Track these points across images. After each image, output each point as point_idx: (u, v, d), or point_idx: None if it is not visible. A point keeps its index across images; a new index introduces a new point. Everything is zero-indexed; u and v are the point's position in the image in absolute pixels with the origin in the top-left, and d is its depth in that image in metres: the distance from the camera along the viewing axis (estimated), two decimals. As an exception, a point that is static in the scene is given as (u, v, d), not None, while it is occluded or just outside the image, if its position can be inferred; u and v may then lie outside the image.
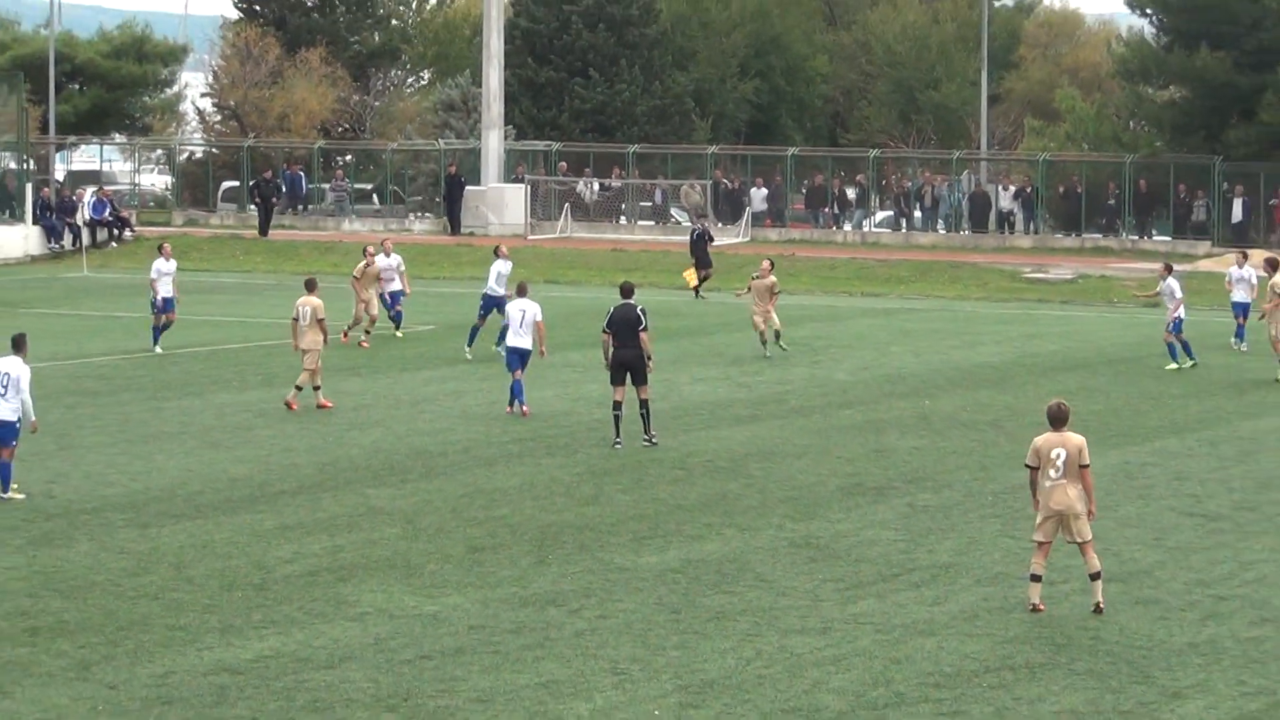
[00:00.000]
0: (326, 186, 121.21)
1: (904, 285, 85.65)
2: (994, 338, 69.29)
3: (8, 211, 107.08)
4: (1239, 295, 63.02)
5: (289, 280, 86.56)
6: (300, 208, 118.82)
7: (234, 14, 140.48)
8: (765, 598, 32.44)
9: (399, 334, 65.86)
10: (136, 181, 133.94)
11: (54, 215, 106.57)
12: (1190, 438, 48.46)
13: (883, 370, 59.54)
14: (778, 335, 54.18)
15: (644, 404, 44.44)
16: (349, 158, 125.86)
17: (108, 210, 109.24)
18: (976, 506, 40.01)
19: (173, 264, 62.49)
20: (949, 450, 46.20)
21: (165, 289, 62.28)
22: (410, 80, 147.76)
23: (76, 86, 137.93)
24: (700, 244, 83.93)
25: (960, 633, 30.43)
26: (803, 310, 77.87)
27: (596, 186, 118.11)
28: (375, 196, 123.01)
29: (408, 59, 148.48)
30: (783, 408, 51.11)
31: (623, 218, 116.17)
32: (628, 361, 43.95)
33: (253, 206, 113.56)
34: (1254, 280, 63.27)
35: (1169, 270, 59.95)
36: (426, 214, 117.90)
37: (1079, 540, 30.98)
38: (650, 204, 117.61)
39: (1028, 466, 31.21)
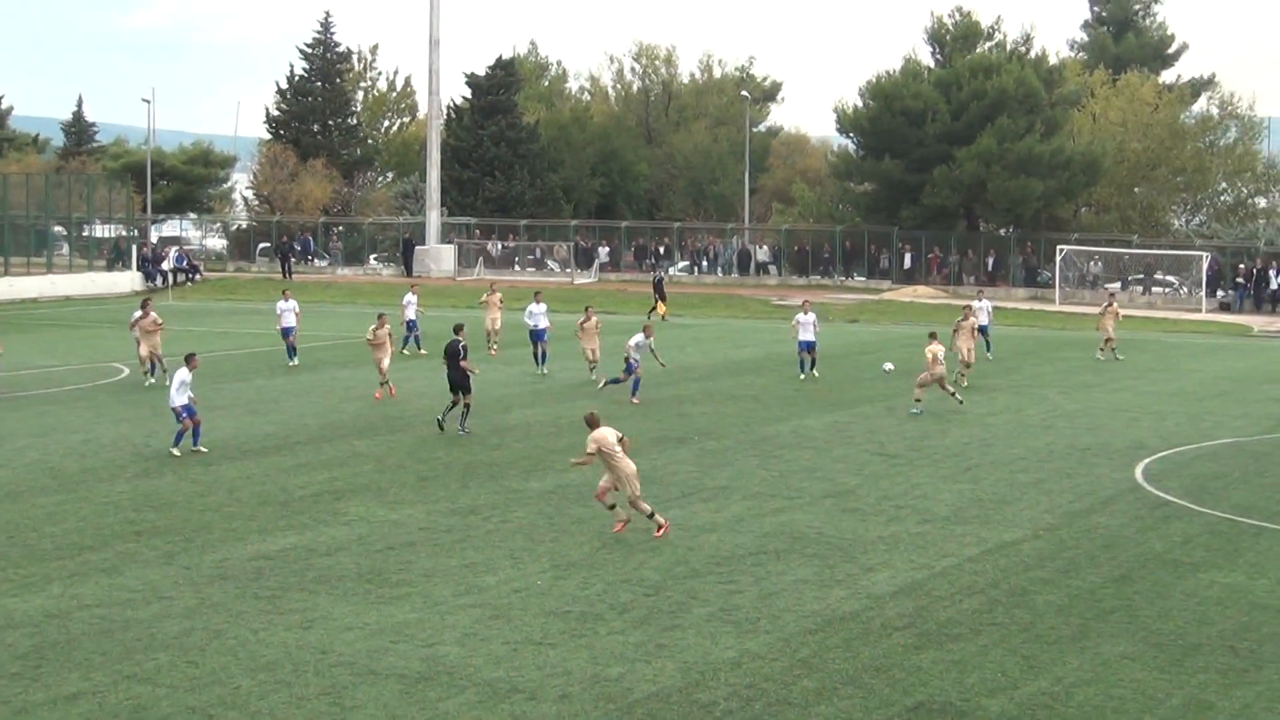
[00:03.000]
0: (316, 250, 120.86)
1: (695, 309, 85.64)
2: (753, 342, 69.44)
3: (120, 263, 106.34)
4: (982, 320, 62.33)
5: (303, 307, 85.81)
6: (309, 260, 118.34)
7: (266, 135, 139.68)
8: (602, 508, 32.41)
9: (421, 351, 61.33)
10: (203, 243, 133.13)
11: (150, 265, 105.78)
12: (878, 405, 48.60)
13: (682, 363, 59.55)
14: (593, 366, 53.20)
15: (467, 405, 42.44)
16: (341, 228, 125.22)
17: (185, 261, 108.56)
18: (743, 449, 40.03)
19: (153, 316, 52.15)
20: (725, 413, 46.21)
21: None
22: (380, 178, 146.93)
23: (165, 182, 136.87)
24: (659, 286, 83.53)
25: (732, 530, 30.46)
26: (631, 325, 77.79)
27: (500, 246, 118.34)
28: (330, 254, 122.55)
29: (379, 164, 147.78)
30: (620, 389, 50.86)
31: (516, 265, 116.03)
32: (454, 379, 42.35)
33: (278, 260, 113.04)
34: (990, 309, 63.78)
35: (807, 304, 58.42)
36: (390, 263, 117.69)
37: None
38: (533, 256, 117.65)
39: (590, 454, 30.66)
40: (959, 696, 20.96)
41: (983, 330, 62.11)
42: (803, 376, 55.13)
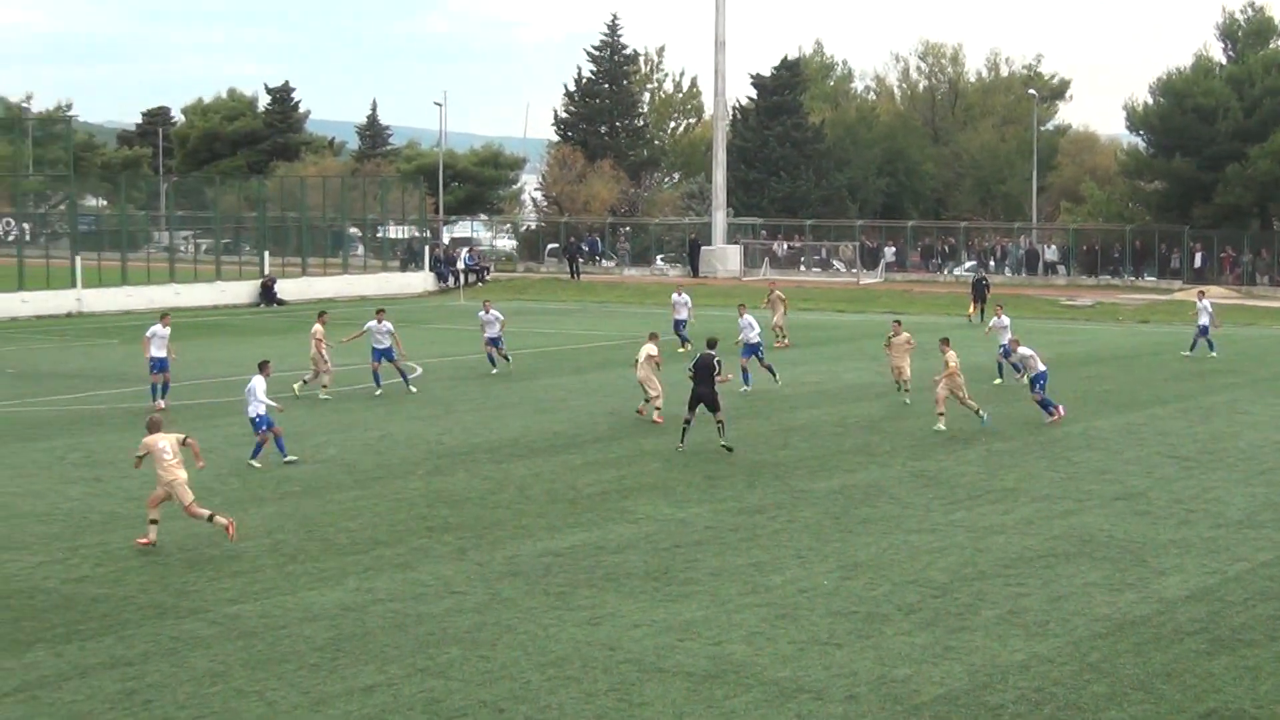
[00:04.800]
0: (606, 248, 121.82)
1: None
2: (1041, 343, 68.31)
3: (413, 263, 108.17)
4: (1202, 320, 61.84)
5: (591, 307, 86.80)
6: (597, 261, 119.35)
7: (555, 137, 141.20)
8: (894, 509, 32.23)
9: (683, 349, 60.04)
10: (493, 244, 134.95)
11: (442, 265, 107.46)
12: (1170, 407, 47.73)
13: (969, 363, 58.77)
14: (905, 385, 49.07)
15: (721, 422, 39.37)
16: (627, 229, 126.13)
17: (475, 262, 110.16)
18: (1031, 451, 39.56)
19: (168, 330, 48.52)
20: (1013, 415, 45.67)
21: (158, 350, 48.00)
22: (666, 179, 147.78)
23: (456, 183, 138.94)
24: (980, 286, 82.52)
25: (1021, 532, 30.10)
26: (920, 324, 77.36)
27: (785, 246, 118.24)
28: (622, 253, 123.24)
29: (665, 165, 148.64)
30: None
31: (802, 265, 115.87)
32: (703, 395, 39.14)
33: (566, 260, 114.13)
34: (1210, 309, 62.21)
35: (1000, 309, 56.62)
36: (677, 264, 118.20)
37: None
38: (818, 257, 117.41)
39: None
40: (1252, 704, 20.48)
41: (1203, 331, 61.42)
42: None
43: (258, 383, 37.83)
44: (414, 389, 50.24)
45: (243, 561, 27.62)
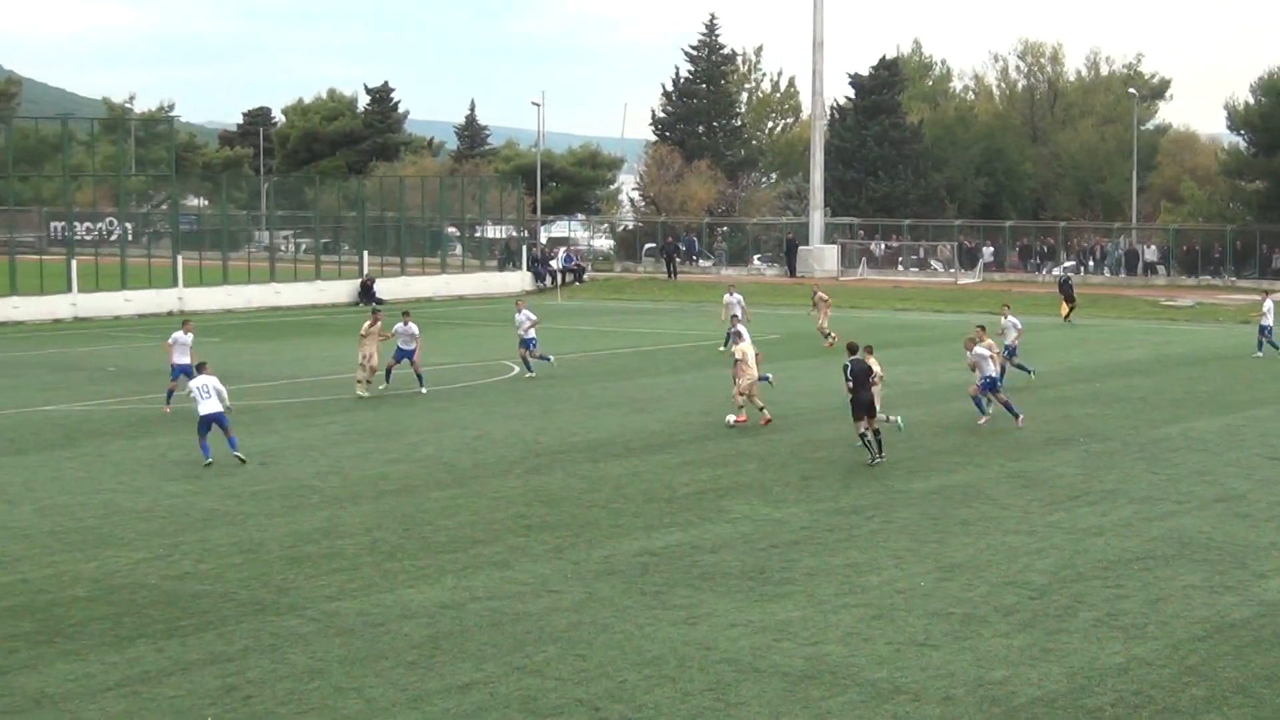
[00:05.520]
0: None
1: (1081, 310, 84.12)
2: (1141, 344, 68.04)
3: (511, 263, 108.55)
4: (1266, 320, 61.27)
5: (688, 306, 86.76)
6: (694, 260, 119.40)
7: (652, 137, 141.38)
8: (992, 510, 32.07)
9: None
10: (590, 243, 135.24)
11: (539, 265, 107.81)
12: (1271, 408, 47.29)
13: (1068, 364, 58.68)
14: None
15: (876, 431, 38.14)
16: (725, 229, 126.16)
17: (573, 262, 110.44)
18: (1130, 452, 39.26)
19: (190, 336, 47.68)
20: (1112, 416, 45.37)
21: (180, 356, 46.75)
22: (764, 179, 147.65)
23: (554, 184, 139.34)
24: (1067, 286, 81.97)
25: (1120, 534, 29.88)
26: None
27: (882, 246, 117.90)
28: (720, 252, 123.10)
29: (762, 165, 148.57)
30: (1003, 389, 50.35)
31: (899, 265, 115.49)
32: (867, 401, 37.98)
33: (663, 260, 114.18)
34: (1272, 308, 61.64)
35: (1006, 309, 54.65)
36: (774, 263, 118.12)
37: None
38: (916, 256, 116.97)
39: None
40: (1357, 709, 20.28)
41: (1264, 331, 61.23)
42: None
43: (209, 380, 37.90)
44: (424, 390, 50.25)
45: (342, 559, 27.78)
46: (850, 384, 37.47)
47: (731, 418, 43.27)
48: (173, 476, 35.95)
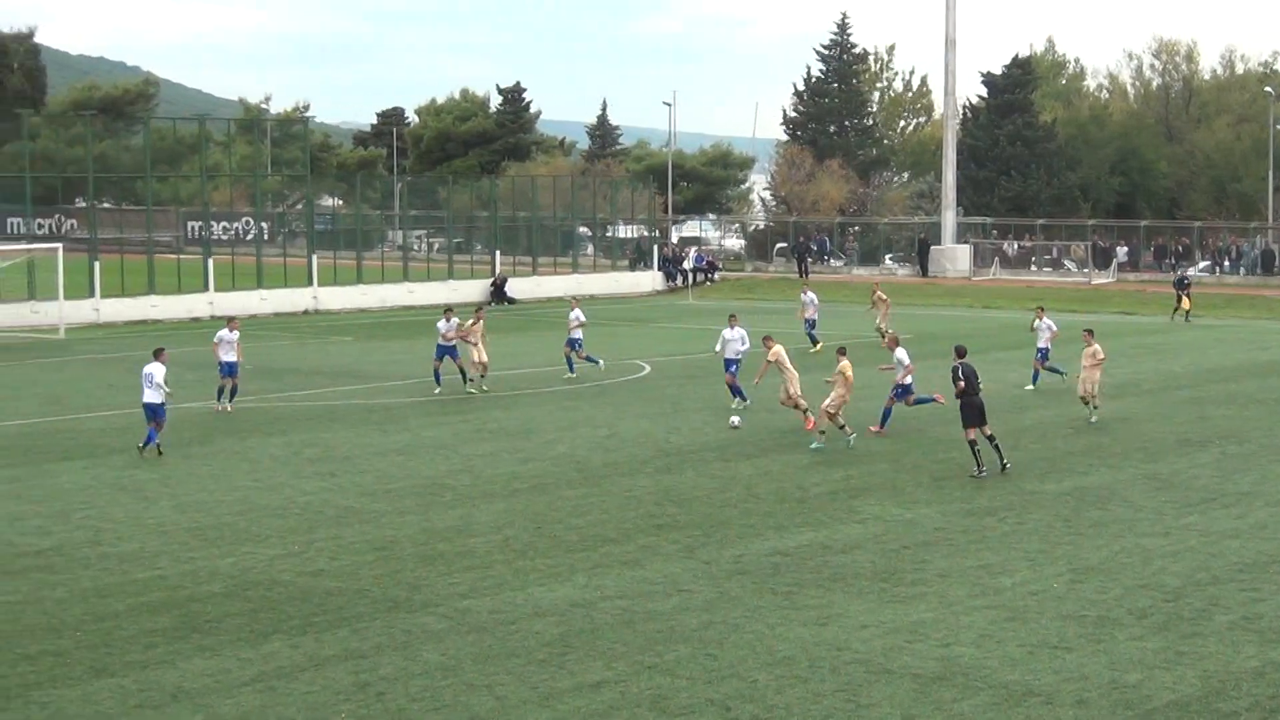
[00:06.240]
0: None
1: (1217, 310, 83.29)
2: (1278, 344, 67.21)
3: (642, 263, 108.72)
4: None
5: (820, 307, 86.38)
6: (825, 260, 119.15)
7: (784, 136, 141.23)
8: (1126, 512, 31.80)
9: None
10: (721, 243, 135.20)
11: (670, 265, 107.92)
12: None
13: (1204, 365, 58.08)
14: (1094, 402, 44.44)
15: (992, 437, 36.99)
16: (856, 228, 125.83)
17: (704, 261, 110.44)
18: (1267, 454, 38.82)
19: (235, 335, 47.44)
20: (1249, 417, 44.87)
21: (227, 354, 47.02)
22: (896, 178, 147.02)
23: (685, 184, 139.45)
24: (1182, 283, 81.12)
25: (1257, 537, 29.56)
26: (1153, 325, 76.44)
27: (1015, 245, 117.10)
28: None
29: (894, 164, 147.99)
30: (1138, 389, 50.07)
31: (1033, 265, 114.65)
32: (981, 406, 36.66)
33: (794, 260, 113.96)
34: None
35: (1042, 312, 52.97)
36: (906, 263, 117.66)
37: None
38: (1049, 256, 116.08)
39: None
40: None
41: None
42: None
43: (156, 369, 39.00)
44: (471, 389, 50.12)
45: (474, 557, 27.93)
46: (962, 384, 36.74)
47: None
48: (307, 474, 36.28)
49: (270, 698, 20.46)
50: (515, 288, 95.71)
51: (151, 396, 38.93)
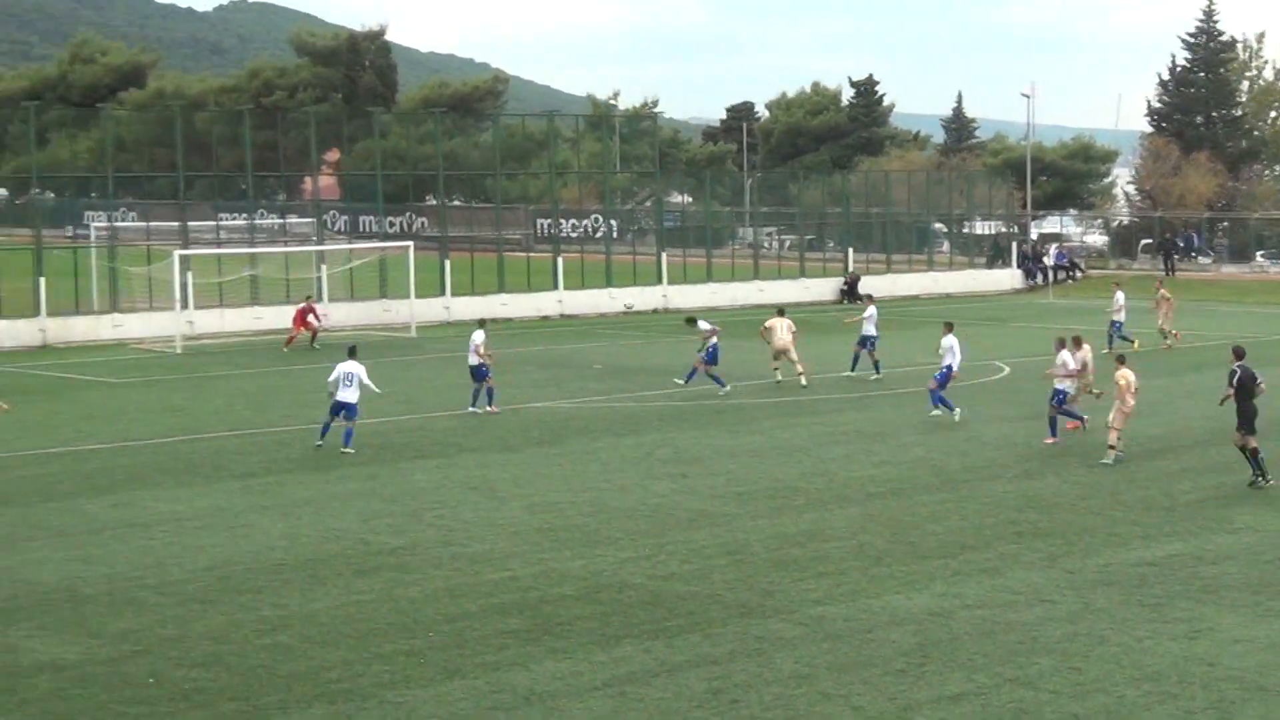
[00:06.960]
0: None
1: None
2: None
3: (1000, 260, 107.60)
4: None
5: (1188, 305, 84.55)
6: (1193, 257, 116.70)
7: (1148, 128, 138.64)
8: None
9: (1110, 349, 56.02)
10: (1083, 239, 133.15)
11: (1029, 262, 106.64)
12: None
13: None
14: None
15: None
16: (1225, 224, 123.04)
17: (1065, 259, 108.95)
18: None
19: (481, 336, 46.40)
20: None
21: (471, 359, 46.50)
22: (1267, 171, 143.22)
23: (1044, 178, 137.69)
24: None
25: None
26: None
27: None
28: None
29: (1265, 157, 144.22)
30: None
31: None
32: (1252, 413, 35.00)
33: (1160, 256, 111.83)
34: None
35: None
36: (1279, 261, 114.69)
37: None
38: None
39: None
40: None
41: None
42: None
43: (358, 368, 40.41)
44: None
45: (828, 563, 27.88)
46: (1233, 389, 35.14)
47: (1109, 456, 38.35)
48: (658, 475, 36.57)
49: (622, 702, 20.63)
50: (869, 286, 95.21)
51: (349, 395, 40.06)
